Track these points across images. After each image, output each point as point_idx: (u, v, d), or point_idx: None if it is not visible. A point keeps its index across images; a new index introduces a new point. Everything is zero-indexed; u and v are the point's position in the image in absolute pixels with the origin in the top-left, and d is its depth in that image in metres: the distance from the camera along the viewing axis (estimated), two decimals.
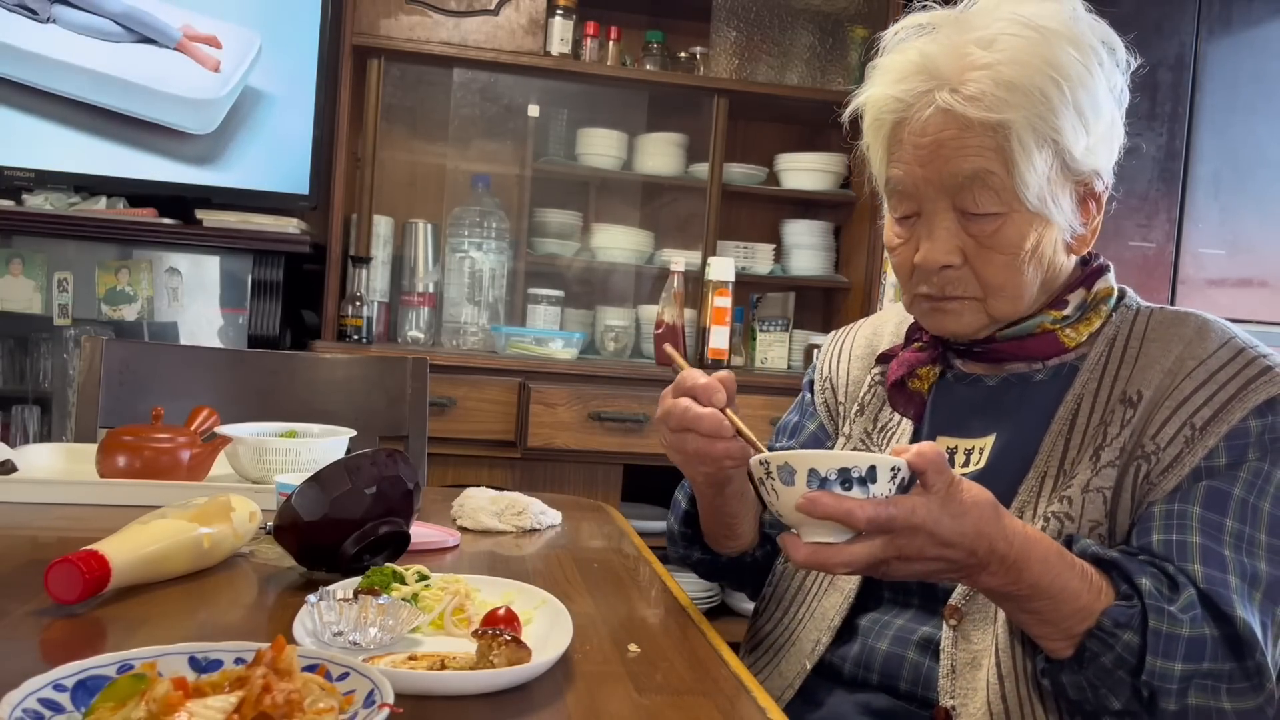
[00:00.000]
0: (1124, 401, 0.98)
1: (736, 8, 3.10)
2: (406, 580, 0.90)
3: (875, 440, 1.15)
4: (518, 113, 3.09)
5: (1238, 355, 0.97)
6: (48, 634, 0.81)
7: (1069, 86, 0.94)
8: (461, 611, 0.88)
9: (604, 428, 2.73)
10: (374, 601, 0.81)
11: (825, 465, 0.80)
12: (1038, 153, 0.94)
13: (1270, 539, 0.91)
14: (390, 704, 0.61)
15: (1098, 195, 1.03)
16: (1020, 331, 1.04)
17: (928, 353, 1.10)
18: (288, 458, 1.35)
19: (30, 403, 2.71)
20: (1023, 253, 0.98)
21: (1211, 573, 0.88)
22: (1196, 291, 3.07)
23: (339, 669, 0.66)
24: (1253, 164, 3.08)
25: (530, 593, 0.93)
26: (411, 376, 1.86)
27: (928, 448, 0.81)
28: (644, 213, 3.23)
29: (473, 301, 3.01)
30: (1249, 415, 0.93)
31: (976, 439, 1.06)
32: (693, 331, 3.04)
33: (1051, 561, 0.85)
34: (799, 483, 0.80)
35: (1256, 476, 0.92)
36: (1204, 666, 0.84)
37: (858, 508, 0.78)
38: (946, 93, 0.95)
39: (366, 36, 2.81)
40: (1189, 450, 0.94)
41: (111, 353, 1.75)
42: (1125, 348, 1.02)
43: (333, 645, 0.80)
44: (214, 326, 2.76)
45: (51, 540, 1.13)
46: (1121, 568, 0.88)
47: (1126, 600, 0.86)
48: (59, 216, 2.64)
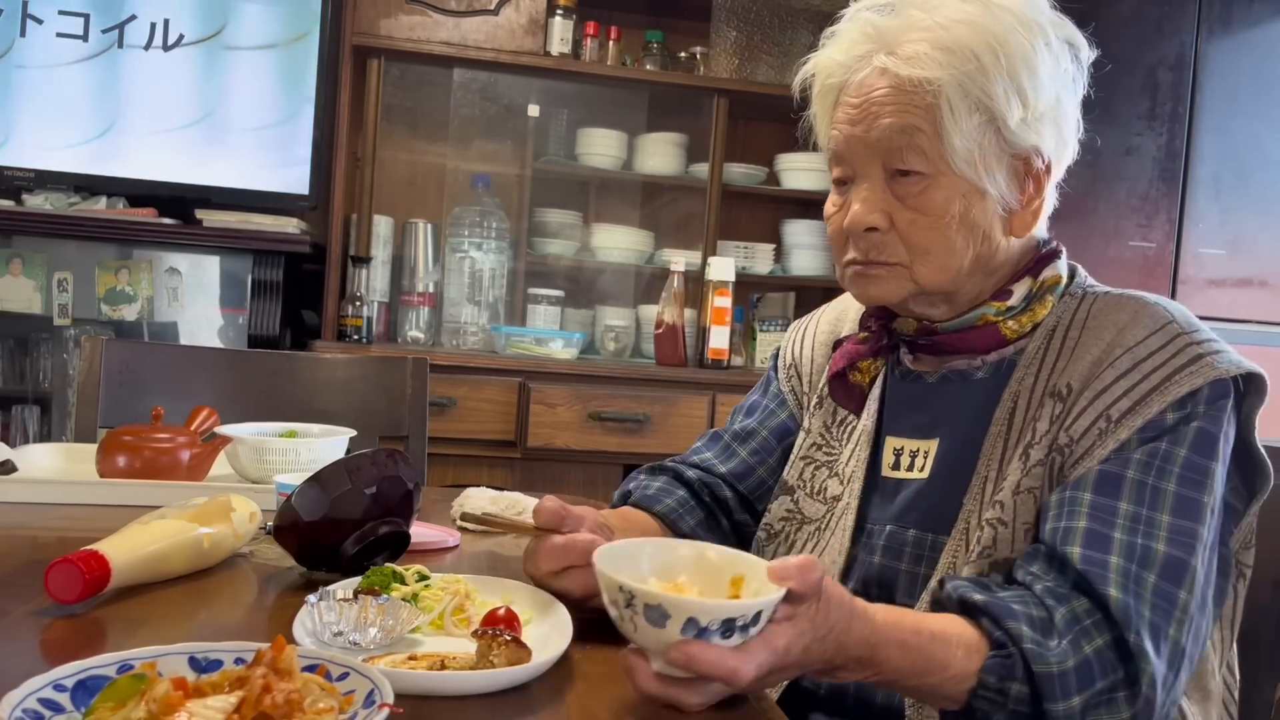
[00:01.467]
0: (1053, 395, 0.95)
1: (736, 8, 3.10)
2: (406, 580, 0.90)
3: (835, 436, 1.12)
4: (518, 113, 3.09)
5: (1169, 343, 0.92)
6: (48, 634, 0.81)
7: (1005, 55, 0.93)
8: (461, 611, 0.87)
9: (604, 428, 2.73)
10: (374, 602, 0.81)
11: (708, 616, 0.69)
12: (967, 116, 0.93)
13: (1175, 519, 0.87)
14: (390, 704, 0.61)
15: (1037, 174, 0.99)
16: (962, 324, 1.01)
17: (869, 345, 1.07)
18: (288, 458, 1.35)
19: (30, 403, 2.71)
20: (949, 216, 0.96)
21: (1090, 554, 0.85)
22: (1197, 291, 3.06)
23: (339, 669, 0.66)
24: (1253, 164, 3.08)
25: (530, 593, 0.93)
26: (411, 376, 1.86)
27: (810, 569, 0.74)
28: (644, 213, 3.23)
29: (473, 301, 3.01)
30: (1168, 408, 0.89)
31: (921, 441, 1.04)
32: (693, 331, 3.04)
33: (910, 645, 0.80)
34: (671, 629, 0.70)
35: (1153, 457, 0.89)
36: (1097, 686, 0.81)
37: (743, 665, 0.70)
38: (884, 54, 0.96)
39: (366, 36, 2.81)
40: (1100, 443, 0.90)
41: (111, 353, 1.75)
42: (1065, 338, 0.98)
43: (332, 645, 0.79)
44: (214, 326, 2.76)
45: (51, 540, 1.13)
46: (990, 613, 0.83)
47: (1001, 650, 0.82)
48: (59, 216, 2.64)
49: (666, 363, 2.95)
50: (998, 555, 0.93)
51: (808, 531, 1.11)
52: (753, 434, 1.21)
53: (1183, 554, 0.86)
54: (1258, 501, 0.97)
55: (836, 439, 1.12)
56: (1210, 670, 0.99)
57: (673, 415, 2.77)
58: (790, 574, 0.73)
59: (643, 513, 1.14)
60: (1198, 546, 0.87)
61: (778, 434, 1.20)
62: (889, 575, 1.01)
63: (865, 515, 1.06)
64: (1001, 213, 0.99)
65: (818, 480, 1.12)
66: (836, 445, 1.12)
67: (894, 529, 1.02)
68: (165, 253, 2.73)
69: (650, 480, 1.19)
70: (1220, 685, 1.00)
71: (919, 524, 1.01)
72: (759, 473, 1.19)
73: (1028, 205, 1.00)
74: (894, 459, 1.06)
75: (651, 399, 2.77)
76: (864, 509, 1.06)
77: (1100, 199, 2.98)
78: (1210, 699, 0.99)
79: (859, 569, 1.04)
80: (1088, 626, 0.83)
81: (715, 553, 0.82)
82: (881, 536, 1.03)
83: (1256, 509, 0.97)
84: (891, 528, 1.02)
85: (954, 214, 0.96)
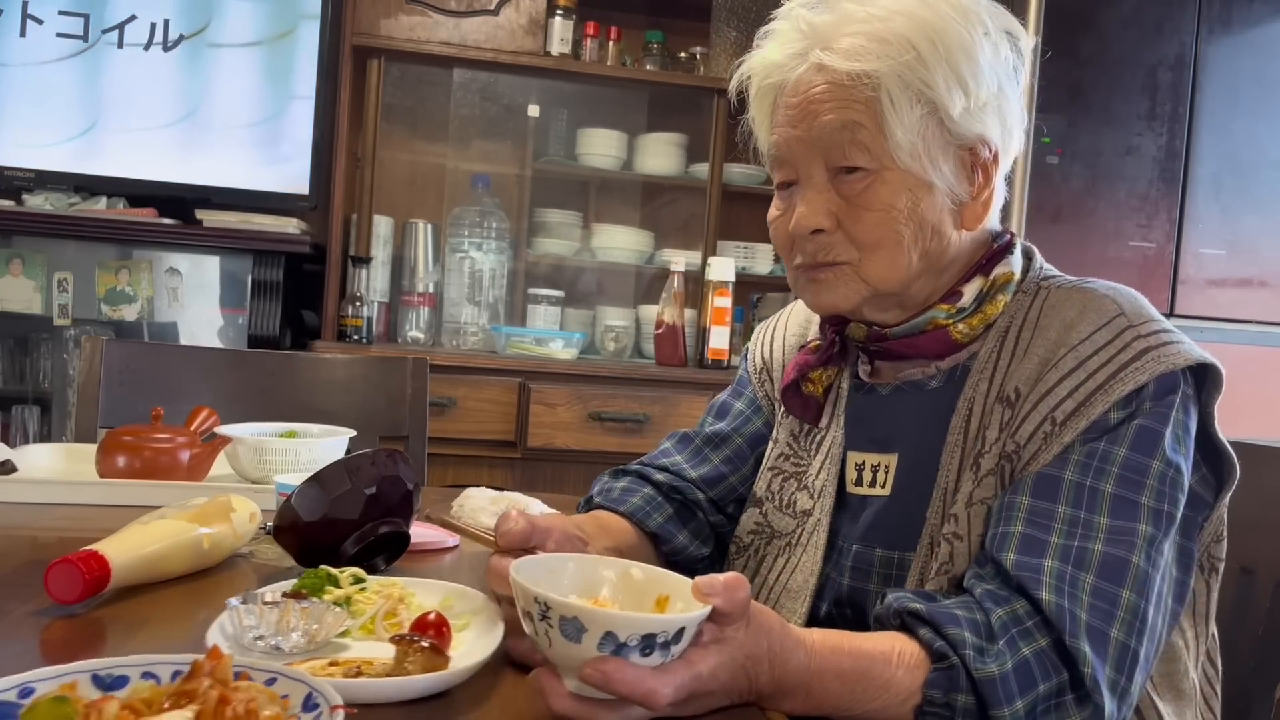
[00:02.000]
0: (1002, 401, 0.92)
1: (736, 8, 3.10)
2: (341, 584, 0.87)
3: (804, 447, 1.09)
4: (518, 113, 3.09)
5: (1116, 338, 0.89)
6: (48, 634, 0.81)
7: (943, 44, 0.91)
8: (394, 616, 0.84)
9: (604, 428, 2.73)
10: (297, 605, 0.78)
11: (627, 630, 0.65)
12: (908, 108, 0.91)
13: (1113, 520, 0.84)
14: (343, 705, 0.58)
15: (985, 164, 0.96)
16: (911, 328, 0.98)
17: (819, 354, 1.05)
18: (288, 458, 1.35)
19: (30, 403, 2.71)
20: (895, 211, 0.93)
21: (1023, 559, 0.82)
22: (1196, 291, 3.06)
23: (264, 674, 0.62)
24: (1253, 164, 3.08)
25: (470, 597, 0.89)
26: (411, 376, 1.86)
27: (737, 587, 0.71)
28: (644, 213, 3.23)
29: (473, 301, 3.01)
30: (1112, 408, 0.87)
31: (881, 455, 1.01)
32: (693, 331, 3.04)
33: (848, 672, 0.77)
34: (587, 644, 0.65)
35: (1091, 458, 0.86)
36: (1040, 689, 0.78)
37: (662, 687, 0.66)
38: (819, 50, 0.93)
39: (366, 36, 2.81)
40: (1045, 447, 0.88)
41: (111, 353, 1.75)
42: (1018, 339, 0.94)
43: (253, 650, 0.76)
44: (214, 326, 2.76)
45: (51, 540, 1.12)
46: (931, 621, 0.80)
47: (942, 661, 0.78)
48: (59, 216, 2.64)
49: (666, 363, 2.95)
50: (955, 570, 0.90)
51: (777, 546, 1.07)
52: (726, 440, 1.17)
53: (1123, 552, 0.83)
54: (1226, 493, 0.94)
55: (805, 449, 1.08)
56: (1183, 670, 0.95)
57: (673, 415, 2.77)
58: (716, 589, 0.70)
59: (616, 516, 1.09)
60: (1139, 543, 0.84)
61: (752, 441, 1.16)
62: (859, 596, 0.98)
63: (836, 531, 1.03)
64: (951, 205, 0.96)
65: (786, 493, 1.08)
66: (805, 456, 1.08)
67: (860, 549, 0.99)
68: (165, 253, 2.73)
69: (613, 482, 1.15)
70: (1195, 685, 0.97)
71: (885, 543, 0.98)
72: (730, 480, 1.15)
73: (977, 197, 0.97)
74: (856, 474, 1.03)
75: (651, 399, 2.77)
76: (834, 525, 1.03)
77: (1100, 199, 2.97)
78: (1184, 698, 0.95)
79: (830, 590, 1.01)
80: (1029, 628, 0.80)
81: (640, 571, 0.77)
82: (849, 556, 1.00)
83: (1226, 501, 0.94)
84: (858, 547, 0.99)
85: (901, 208, 0.93)
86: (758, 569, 1.09)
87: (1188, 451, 0.89)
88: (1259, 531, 1.13)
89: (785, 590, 1.04)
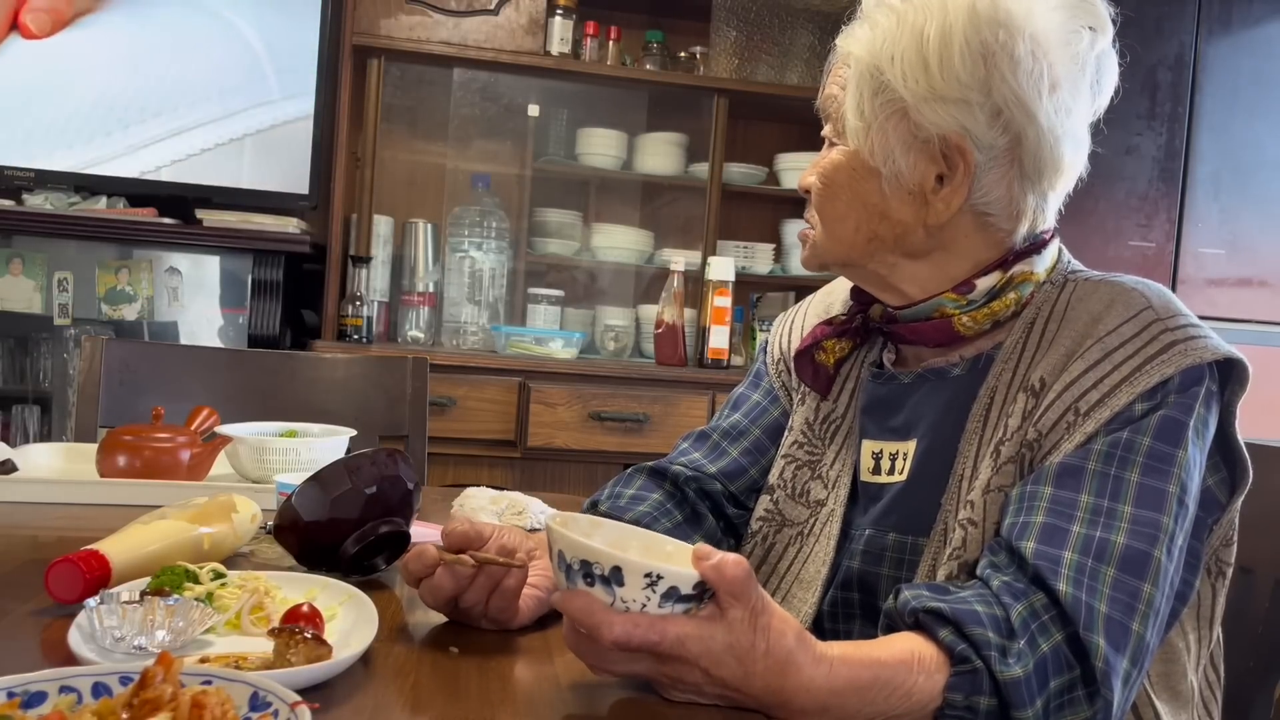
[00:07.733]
0: (1025, 390, 0.91)
1: (736, 8, 3.10)
2: (200, 579, 0.85)
3: (818, 435, 1.09)
4: (518, 113, 3.09)
5: (1144, 330, 0.88)
6: (48, 634, 0.81)
7: (940, 41, 0.91)
8: (260, 610, 0.83)
9: (604, 427, 2.73)
10: (161, 603, 0.76)
11: (572, 552, 0.69)
12: (870, 97, 0.94)
13: (1137, 510, 0.83)
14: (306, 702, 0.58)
15: (953, 164, 0.93)
16: (917, 314, 0.99)
17: (836, 326, 1.06)
18: (288, 458, 1.35)
19: (30, 403, 2.71)
20: (836, 186, 0.98)
21: (1044, 549, 0.82)
22: (1197, 291, 3.07)
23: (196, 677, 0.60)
24: (1253, 164, 3.08)
25: (335, 588, 0.89)
26: (411, 376, 1.86)
27: (733, 566, 0.70)
28: (644, 213, 3.24)
29: (473, 301, 3.01)
30: (1137, 399, 0.86)
31: (900, 443, 1.01)
32: (693, 331, 3.04)
33: (867, 684, 0.76)
34: (559, 571, 0.71)
35: (1115, 447, 0.85)
36: (1053, 685, 0.78)
37: (606, 623, 0.69)
38: (855, 19, 0.99)
39: (366, 36, 2.81)
40: (1068, 436, 0.87)
41: (111, 353, 1.75)
42: (1044, 331, 0.94)
43: (115, 651, 0.74)
44: (214, 326, 2.76)
45: (51, 540, 1.12)
46: (953, 620, 0.79)
47: (964, 664, 0.77)
48: (59, 216, 2.64)
49: (666, 362, 2.95)
50: (967, 556, 0.90)
51: (788, 535, 1.07)
52: (744, 432, 1.16)
53: (1144, 545, 0.82)
54: (1238, 496, 0.93)
55: (820, 437, 1.09)
56: (1180, 672, 0.95)
57: (673, 415, 2.77)
58: (707, 555, 0.70)
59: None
60: (1160, 537, 0.83)
61: (770, 433, 1.15)
62: (870, 579, 0.98)
63: (849, 520, 1.03)
64: (911, 194, 0.95)
65: (799, 481, 1.09)
66: (819, 445, 1.09)
67: (873, 533, 0.99)
68: (165, 252, 2.73)
69: (623, 489, 1.14)
70: (1194, 688, 0.96)
71: (898, 527, 0.98)
72: (751, 472, 1.14)
73: (937, 192, 0.94)
74: (873, 463, 1.03)
75: (651, 399, 2.77)
76: (847, 514, 1.03)
77: (1100, 199, 2.98)
78: (1181, 700, 0.94)
79: (840, 574, 1.01)
80: (1045, 622, 0.80)
81: (673, 546, 0.80)
82: (861, 541, 1.00)
83: (1238, 505, 0.94)
84: (871, 531, 0.99)
85: (841, 183, 0.98)
86: (765, 556, 1.09)
87: (1204, 446, 0.89)
88: (1259, 531, 1.13)
89: (797, 580, 1.05)
